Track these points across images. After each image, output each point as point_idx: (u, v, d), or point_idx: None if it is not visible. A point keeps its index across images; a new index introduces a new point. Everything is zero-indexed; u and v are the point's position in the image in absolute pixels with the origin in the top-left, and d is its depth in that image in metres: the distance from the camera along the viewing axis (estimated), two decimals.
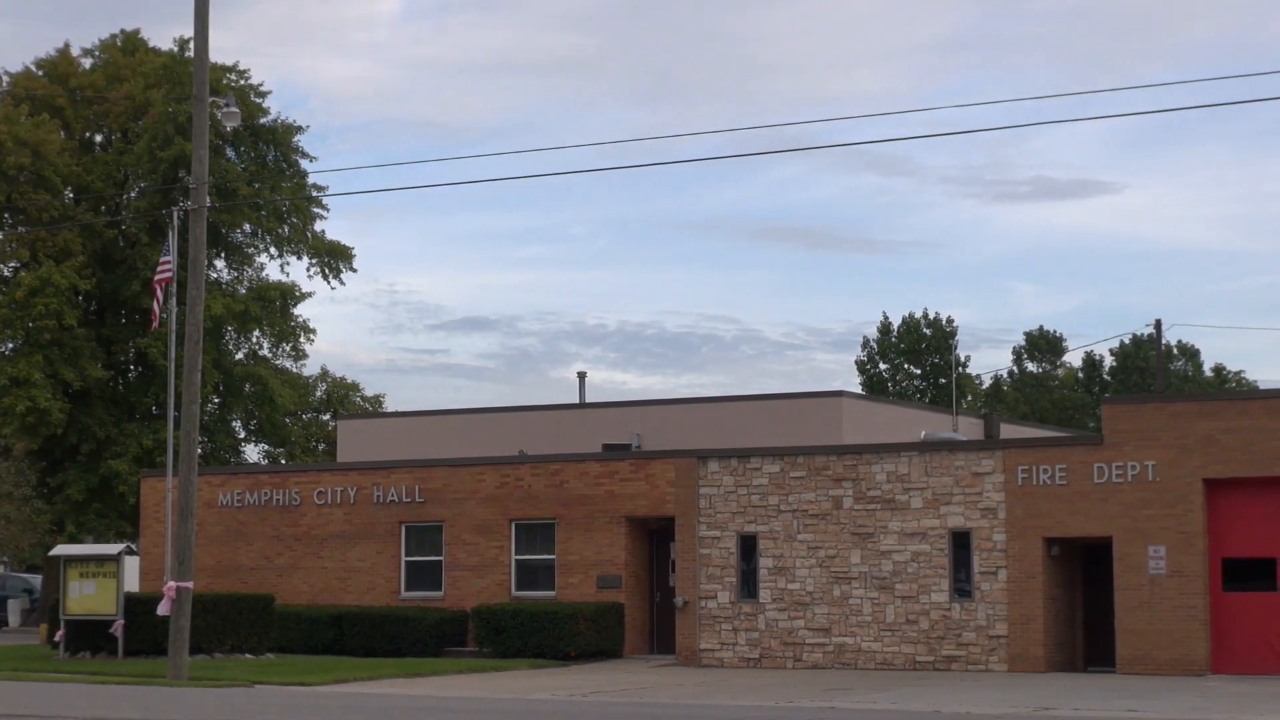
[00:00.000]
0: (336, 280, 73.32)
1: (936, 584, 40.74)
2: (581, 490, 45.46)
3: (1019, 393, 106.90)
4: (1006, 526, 40.09)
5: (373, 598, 47.62)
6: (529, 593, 45.81)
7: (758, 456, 43.00)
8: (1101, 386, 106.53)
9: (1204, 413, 38.95)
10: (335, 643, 46.05)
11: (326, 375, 79.13)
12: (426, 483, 47.45)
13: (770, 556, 42.48)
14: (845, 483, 41.82)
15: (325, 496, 48.71)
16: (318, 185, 71.90)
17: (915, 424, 52.60)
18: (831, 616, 41.70)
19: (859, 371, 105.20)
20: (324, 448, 75.22)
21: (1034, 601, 39.73)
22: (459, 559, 46.79)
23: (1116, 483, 39.14)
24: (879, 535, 41.35)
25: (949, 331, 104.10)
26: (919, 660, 40.66)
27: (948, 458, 41.02)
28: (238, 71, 70.76)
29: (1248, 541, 38.62)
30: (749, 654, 42.43)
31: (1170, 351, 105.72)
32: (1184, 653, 38.15)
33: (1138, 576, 38.72)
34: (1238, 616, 38.45)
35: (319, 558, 48.66)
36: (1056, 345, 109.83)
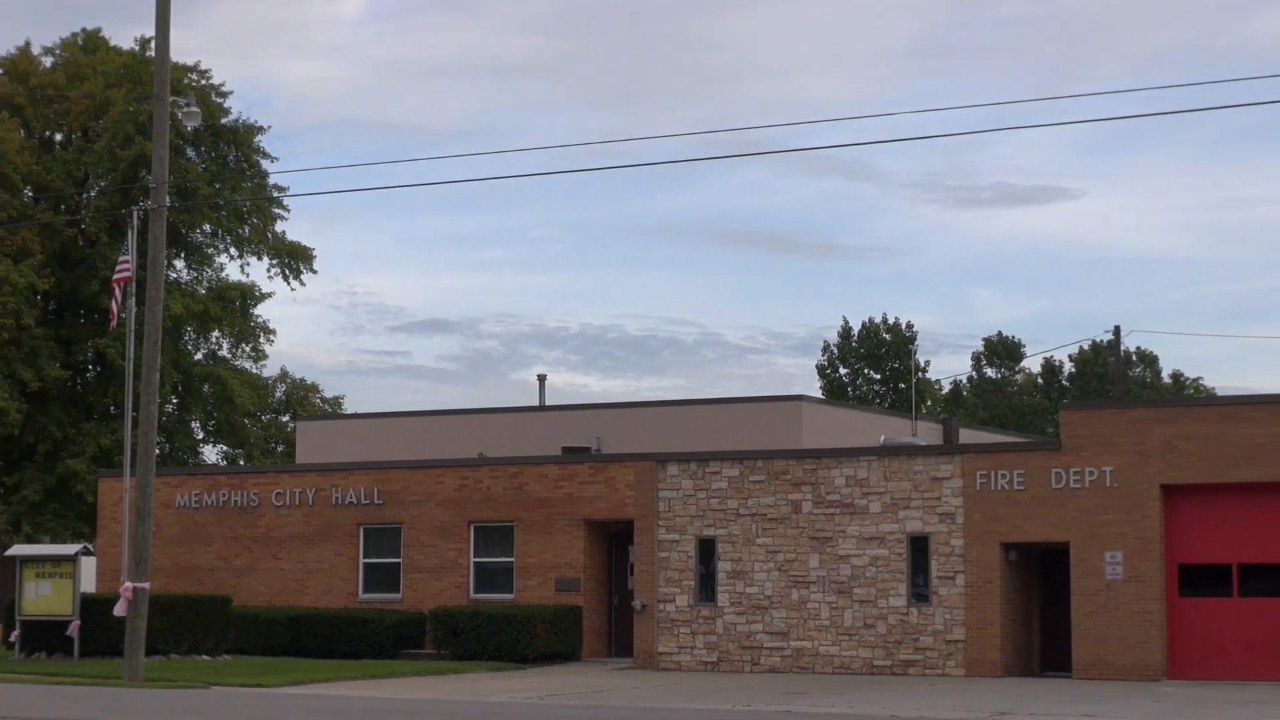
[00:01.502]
0: (297, 281, 73.21)
1: (894, 588, 40.82)
2: (541, 493, 45.44)
3: (978, 398, 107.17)
4: (964, 531, 40.18)
5: (330, 599, 47.53)
6: (487, 595, 45.76)
7: (717, 460, 43.04)
8: (1060, 392, 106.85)
9: (1162, 419, 39.11)
10: (292, 644, 45.94)
11: (286, 376, 78.93)
12: (385, 484, 47.38)
13: (729, 560, 42.51)
14: (804, 487, 41.88)
15: (283, 498, 48.60)
16: (278, 186, 71.79)
17: (874, 429, 52.67)
18: (789, 620, 41.75)
19: (819, 376, 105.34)
20: (283, 449, 75.05)
21: (991, 606, 39.83)
22: (417, 561, 46.72)
23: (1074, 488, 39.27)
24: (837, 539, 41.42)
25: (909, 337, 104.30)
26: (876, 664, 40.73)
27: (906, 462, 41.11)
28: (199, 71, 70.59)
29: (1204, 547, 38.77)
30: (707, 657, 42.46)
31: (1129, 358, 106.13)
32: (1140, 658, 38.30)
33: (1095, 582, 38.85)
34: (1194, 622, 38.60)
35: (277, 559, 48.54)
36: (1015, 351, 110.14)
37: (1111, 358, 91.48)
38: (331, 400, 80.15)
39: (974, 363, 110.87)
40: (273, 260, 72.67)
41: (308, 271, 73.44)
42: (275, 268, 72.86)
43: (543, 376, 64.33)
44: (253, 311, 73.54)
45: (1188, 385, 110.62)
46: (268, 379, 76.92)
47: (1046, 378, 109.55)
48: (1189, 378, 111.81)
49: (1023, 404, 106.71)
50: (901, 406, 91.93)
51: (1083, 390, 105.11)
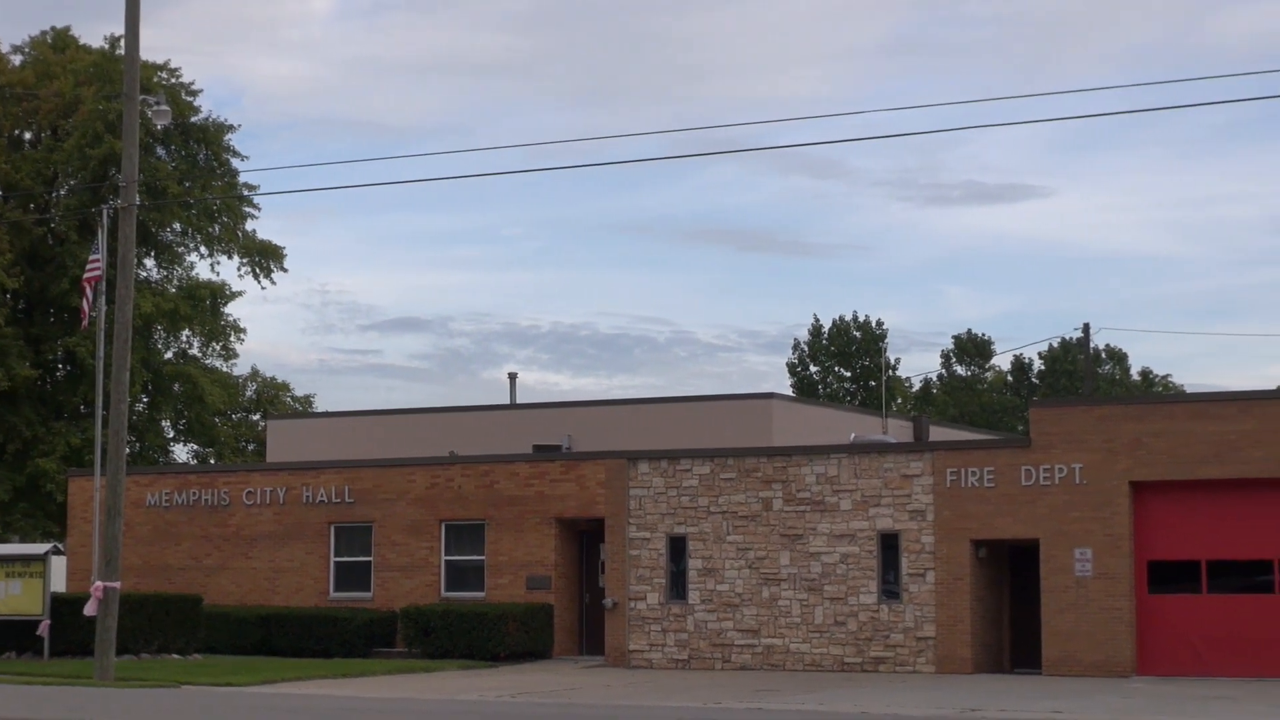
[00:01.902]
0: (267, 280, 73.16)
1: (865, 586, 40.91)
2: (512, 491, 45.45)
3: (948, 396, 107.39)
4: (935, 528, 40.29)
5: (301, 598, 47.48)
6: (458, 593, 45.75)
7: (688, 458, 43.10)
8: (1030, 389, 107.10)
9: (1131, 416, 39.26)
10: (263, 643, 45.89)
11: (257, 375, 78.86)
12: (356, 483, 47.35)
13: (700, 558, 42.57)
14: (775, 484, 41.95)
15: (254, 497, 48.55)
16: (249, 184, 71.74)
17: (845, 426, 52.75)
18: (760, 618, 41.82)
19: (790, 374, 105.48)
20: (253, 448, 74.98)
21: (961, 603, 39.94)
22: (388, 559, 46.70)
23: (1044, 485, 39.39)
24: (808, 537, 41.50)
25: (879, 334, 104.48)
26: (847, 662, 40.81)
27: (877, 460, 41.20)
28: (169, 70, 70.50)
29: (1173, 544, 38.92)
30: (678, 655, 42.51)
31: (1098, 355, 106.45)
32: (1109, 654, 38.43)
33: (1064, 578, 38.98)
34: (1163, 619, 38.75)
35: (248, 558, 48.48)
36: (985, 348, 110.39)
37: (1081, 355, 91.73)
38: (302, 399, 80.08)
39: (944, 360, 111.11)
40: (243, 259, 72.61)
41: (278, 270, 73.41)
42: (245, 266, 72.81)
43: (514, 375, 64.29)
44: (223, 310, 73.48)
45: (1157, 383, 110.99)
46: (238, 378, 76.85)
47: (1016, 375, 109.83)
48: (1158, 375, 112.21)
49: (992, 401, 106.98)
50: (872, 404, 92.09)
51: (1052, 388, 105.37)
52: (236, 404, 76.24)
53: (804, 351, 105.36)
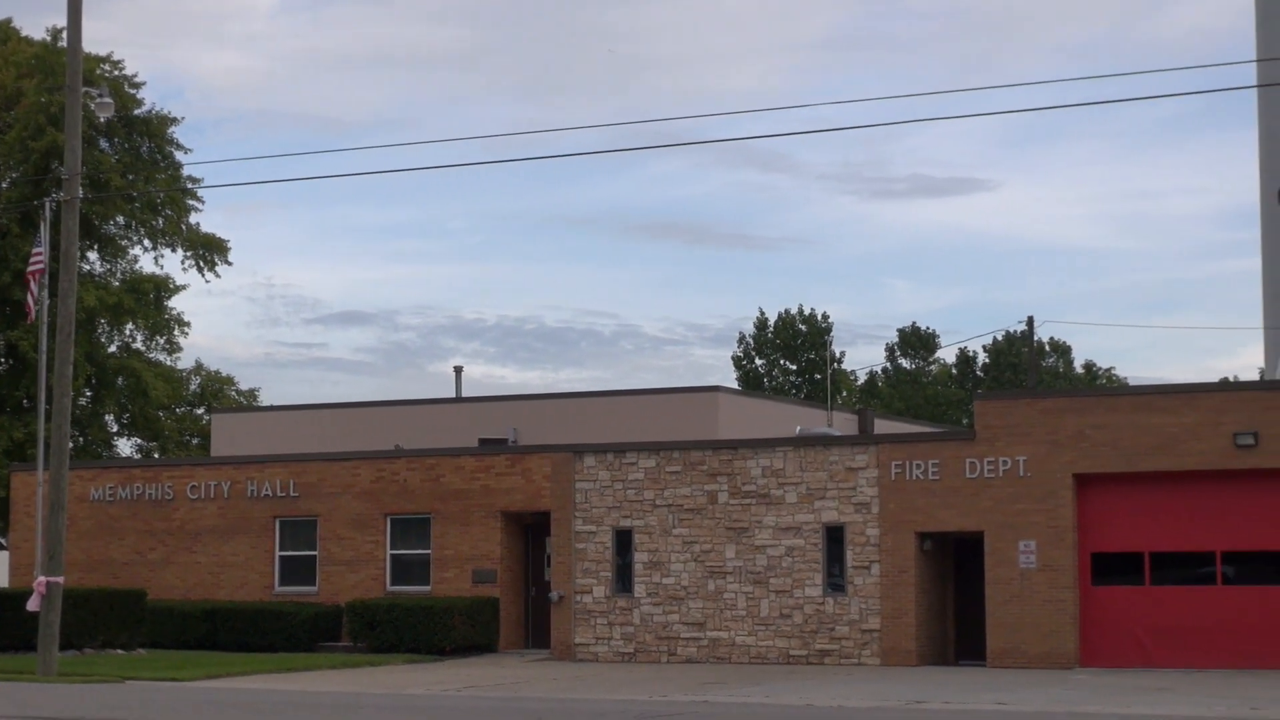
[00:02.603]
0: (211, 273, 72.84)
1: (810, 578, 40.99)
2: (457, 485, 45.39)
3: (893, 389, 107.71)
4: (880, 521, 40.39)
5: (246, 593, 47.33)
6: (404, 587, 45.68)
7: (634, 451, 43.10)
8: (974, 382, 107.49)
9: (1074, 409, 39.42)
10: (208, 638, 45.73)
11: (201, 369, 78.55)
12: (301, 477, 47.22)
13: (645, 551, 42.59)
14: (720, 478, 41.99)
15: (198, 491, 48.36)
16: (192, 177, 71.50)
17: (790, 419, 52.84)
18: (706, 611, 41.87)
19: (735, 367, 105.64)
20: (198, 442, 74.69)
21: (906, 596, 40.06)
22: (333, 554, 46.59)
23: (988, 478, 39.54)
24: (754, 530, 41.56)
25: (825, 328, 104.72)
26: (793, 654, 40.90)
27: (822, 453, 41.29)
28: (111, 62, 70.10)
29: (1116, 536, 39.11)
30: (624, 648, 42.53)
31: (1042, 348, 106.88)
32: (1053, 646, 38.60)
33: (1008, 571, 39.12)
34: (1106, 610, 38.94)
35: (192, 552, 48.29)
36: (929, 342, 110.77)
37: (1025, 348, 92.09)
38: (247, 393, 79.84)
39: (889, 353, 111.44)
40: (187, 252, 72.27)
41: (222, 263, 73.08)
42: (189, 260, 72.48)
43: (459, 368, 64.34)
44: (167, 304, 73.12)
45: (1100, 375, 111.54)
46: (182, 372, 76.55)
47: (961, 368, 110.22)
48: (1102, 368, 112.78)
49: (937, 394, 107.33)
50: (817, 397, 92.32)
51: (997, 380, 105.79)
52: (180, 398, 75.93)
53: (749, 345, 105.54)
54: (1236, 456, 37.82)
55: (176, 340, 74.44)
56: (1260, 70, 61.61)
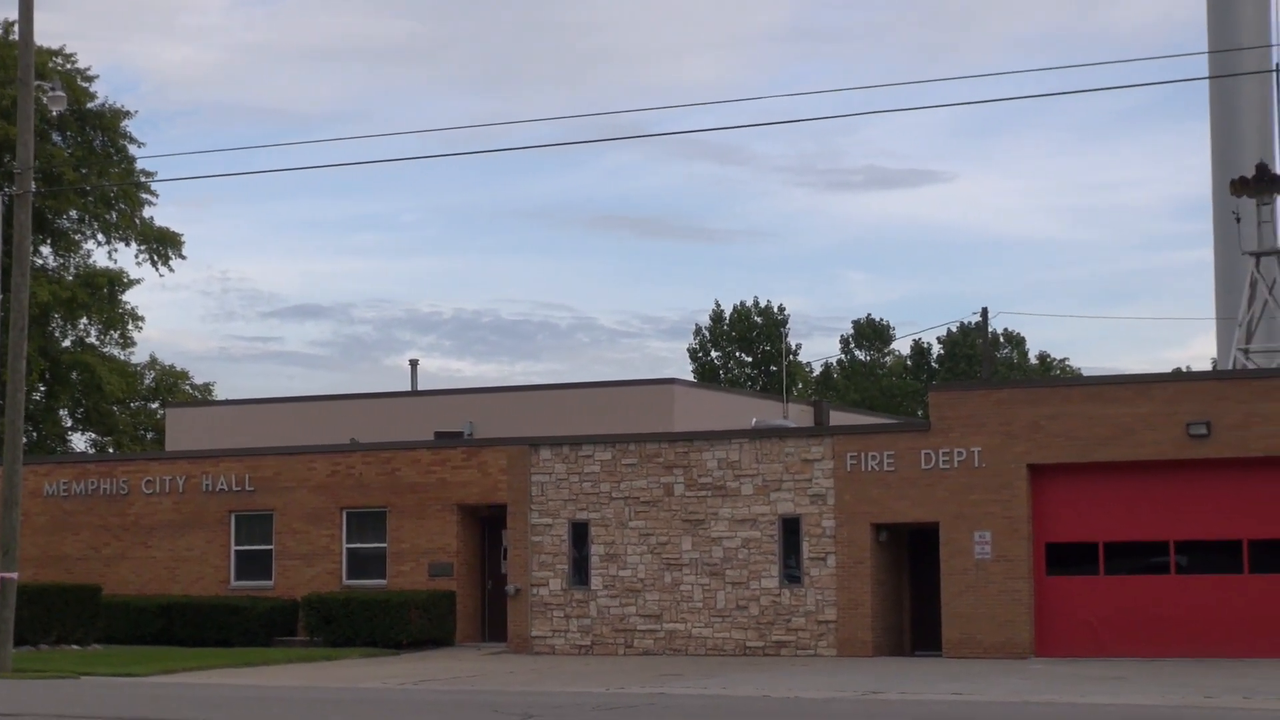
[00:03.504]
0: (165, 267, 72.60)
1: (766, 570, 41.06)
2: (413, 478, 45.36)
3: (848, 380, 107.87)
4: (835, 513, 40.47)
5: (202, 587, 47.22)
6: (360, 581, 45.63)
7: (590, 444, 43.11)
8: (929, 374, 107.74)
9: (1028, 400, 39.56)
10: (164, 633, 45.60)
11: (155, 363, 78.28)
12: (257, 471, 47.12)
13: (602, 543, 42.61)
14: (676, 470, 42.03)
15: (153, 485, 48.23)
16: (146, 171, 71.21)
17: (746, 411, 52.94)
18: (663, 603, 41.91)
19: (691, 359, 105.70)
20: (153, 436, 74.45)
21: (862, 587, 40.15)
22: (289, 548, 46.51)
23: (943, 469, 39.65)
24: (710, 522, 41.61)
25: (780, 320, 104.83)
26: (749, 646, 40.96)
27: (778, 445, 41.35)
28: (64, 56, 69.84)
29: (1071, 526, 39.26)
30: (581, 641, 42.54)
31: (996, 339, 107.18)
32: (1008, 636, 38.74)
33: (964, 561, 39.25)
34: (1061, 600, 39.09)
35: (147, 547, 48.16)
36: (884, 333, 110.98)
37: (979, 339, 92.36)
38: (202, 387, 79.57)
39: (844, 345, 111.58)
40: (141, 246, 72.04)
41: (176, 257, 72.87)
42: (143, 254, 72.25)
43: (414, 361, 64.18)
44: (121, 298, 72.88)
45: (1054, 366, 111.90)
46: (137, 366, 76.26)
47: (915, 359, 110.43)
48: (1055, 359, 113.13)
49: (892, 386, 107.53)
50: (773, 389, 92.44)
51: (951, 372, 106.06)
52: (135, 392, 75.66)
53: (705, 337, 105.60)
54: (1190, 446, 38.01)
55: (131, 335, 74.26)
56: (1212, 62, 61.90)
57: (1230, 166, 58.59)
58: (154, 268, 72.58)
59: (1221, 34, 62.22)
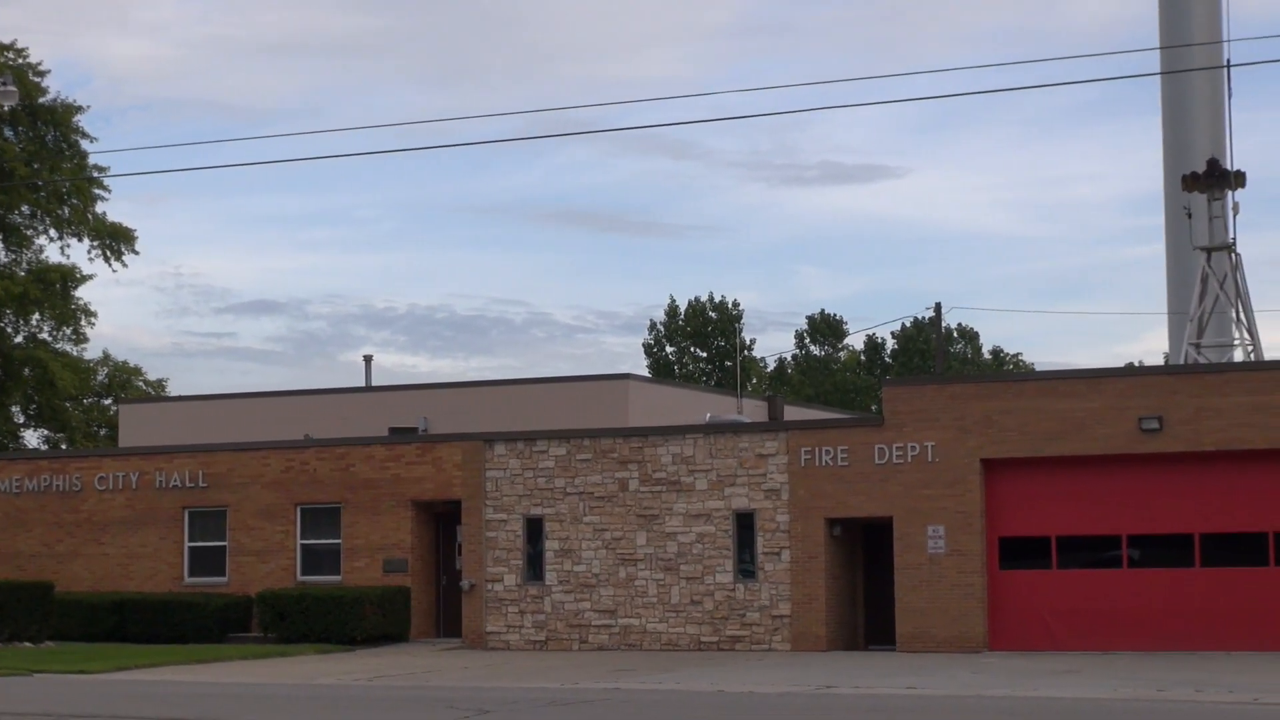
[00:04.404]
0: (119, 262, 72.32)
1: (721, 565, 41.12)
2: (367, 474, 45.29)
3: (803, 375, 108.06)
4: (789, 507, 40.57)
5: (155, 584, 47.07)
6: (314, 577, 45.54)
7: (544, 439, 43.12)
8: (883, 369, 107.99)
9: (982, 394, 39.70)
10: (117, 630, 45.45)
11: (108, 359, 77.99)
12: (210, 467, 46.98)
13: (556, 539, 42.62)
14: (631, 465, 42.07)
15: (106, 482, 48.05)
16: (99, 166, 70.90)
17: (700, 406, 53.00)
18: (617, 598, 41.95)
19: (646, 354, 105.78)
20: (106, 433, 74.17)
21: (816, 581, 40.25)
22: (243, 544, 46.40)
23: (897, 463, 39.77)
24: (664, 517, 41.66)
25: (735, 315, 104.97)
26: (704, 641, 41.03)
27: (732, 440, 41.41)
28: (15, 50, 69.51)
29: (1024, 520, 39.42)
30: (535, 636, 42.56)
31: (950, 334, 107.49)
32: (962, 630, 38.89)
33: (917, 556, 39.38)
34: (1014, 594, 39.26)
35: (100, 544, 47.98)
36: (838, 328, 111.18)
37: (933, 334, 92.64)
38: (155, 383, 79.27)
39: (798, 340, 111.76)
40: (94, 242, 71.75)
41: (129, 253, 72.60)
42: (96, 249, 71.97)
43: (369, 357, 64.05)
44: (74, 294, 72.59)
45: (1007, 361, 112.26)
46: (90, 362, 75.96)
47: (869, 355, 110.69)
48: (1009, 354, 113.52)
49: (846, 381, 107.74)
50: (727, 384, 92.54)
51: (905, 367, 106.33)
52: (88, 388, 75.36)
53: (660, 332, 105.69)
54: (1142, 440, 38.20)
55: (83, 330, 73.96)
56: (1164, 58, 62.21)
57: (1182, 162, 58.88)
58: (107, 263, 72.34)
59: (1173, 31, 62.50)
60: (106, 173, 70.58)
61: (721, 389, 77.16)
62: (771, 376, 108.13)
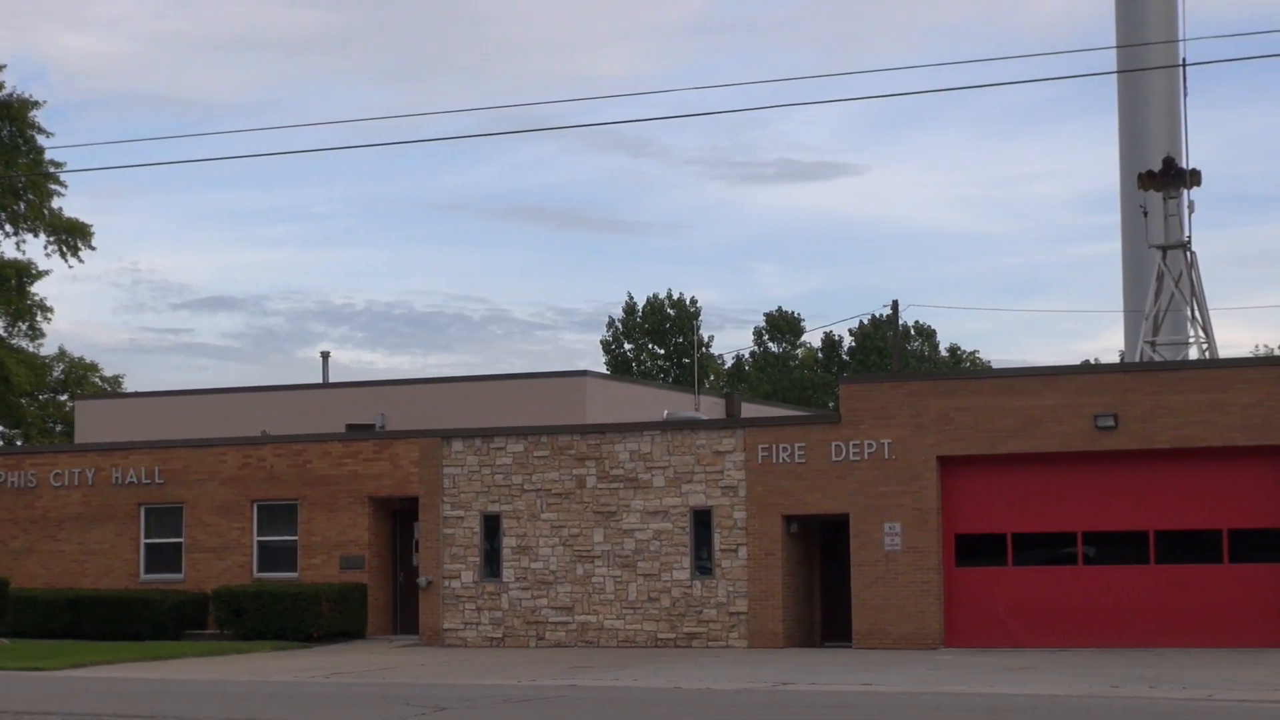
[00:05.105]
0: (75, 258, 72.11)
1: (678, 562, 41.18)
2: (324, 470, 45.22)
3: (760, 372, 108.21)
4: (747, 504, 40.63)
5: (111, 580, 46.93)
6: (271, 574, 45.45)
7: (501, 436, 43.12)
8: (840, 366, 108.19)
9: (938, 392, 39.82)
10: (73, 627, 45.31)
11: (64, 355, 77.73)
12: (166, 464, 46.85)
13: (514, 536, 42.63)
14: (588, 462, 42.09)
15: (62, 478, 47.88)
16: (55, 161, 70.68)
17: (658, 404, 53.05)
18: (574, 595, 41.97)
19: (604, 351, 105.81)
20: (62, 429, 73.93)
21: (773, 578, 40.34)
22: (200, 540, 46.29)
23: (854, 461, 39.87)
24: (622, 514, 41.70)
25: (693, 312, 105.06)
26: (661, 638, 41.08)
27: (689, 437, 41.47)
28: None
29: (980, 517, 39.55)
30: (492, 633, 42.56)
31: (907, 332, 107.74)
32: (918, 627, 39.00)
33: (874, 553, 39.48)
34: (969, 591, 39.39)
35: (56, 540, 47.81)
36: (796, 325, 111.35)
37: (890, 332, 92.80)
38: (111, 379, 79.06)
39: (756, 337, 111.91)
40: (50, 237, 71.53)
41: (86, 248, 72.37)
42: (52, 245, 71.73)
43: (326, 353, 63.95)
44: (29, 289, 72.32)
45: (965, 359, 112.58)
46: (45, 358, 75.71)
47: (827, 352, 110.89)
48: (966, 351, 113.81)
49: (803, 378, 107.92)
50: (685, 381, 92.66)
51: (862, 364, 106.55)
52: (44, 384, 75.11)
53: (618, 329, 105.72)
54: (1097, 438, 38.36)
55: (39, 326, 73.74)
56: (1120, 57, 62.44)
57: (1138, 161, 59.10)
58: (63, 259, 72.12)
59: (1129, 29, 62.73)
60: (63, 168, 70.45)
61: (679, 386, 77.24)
62: (729, 374, 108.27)
